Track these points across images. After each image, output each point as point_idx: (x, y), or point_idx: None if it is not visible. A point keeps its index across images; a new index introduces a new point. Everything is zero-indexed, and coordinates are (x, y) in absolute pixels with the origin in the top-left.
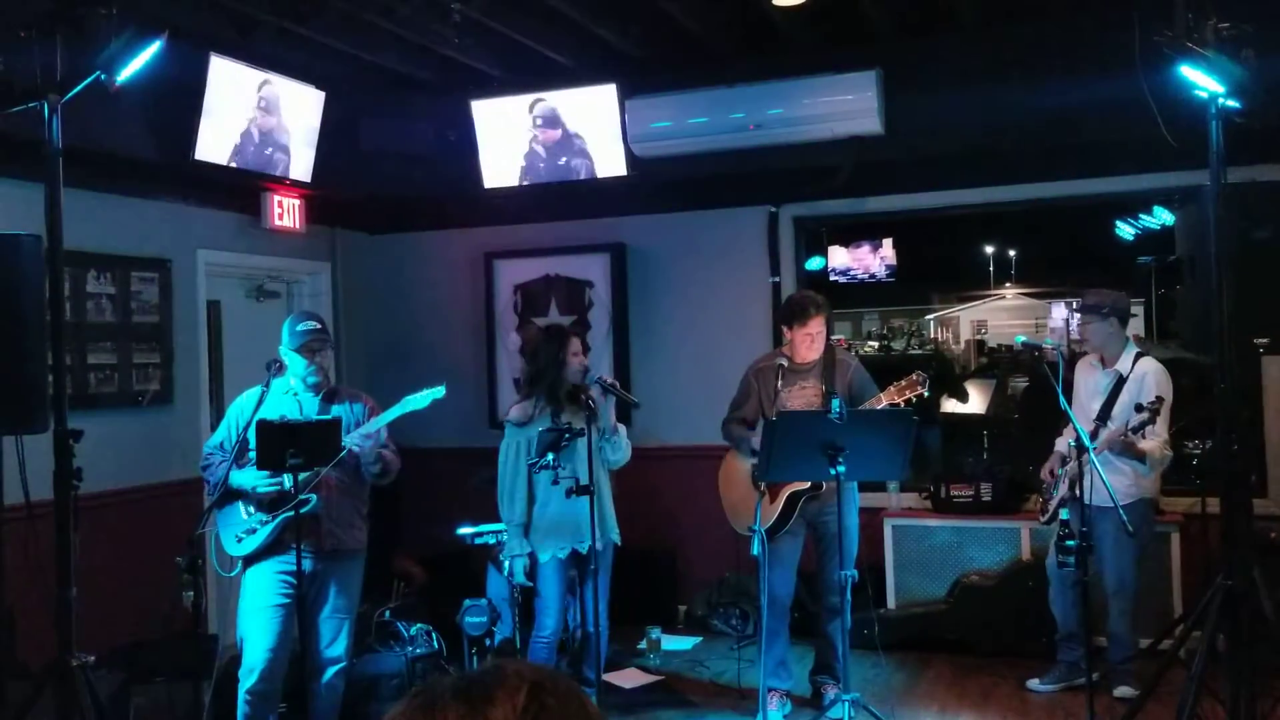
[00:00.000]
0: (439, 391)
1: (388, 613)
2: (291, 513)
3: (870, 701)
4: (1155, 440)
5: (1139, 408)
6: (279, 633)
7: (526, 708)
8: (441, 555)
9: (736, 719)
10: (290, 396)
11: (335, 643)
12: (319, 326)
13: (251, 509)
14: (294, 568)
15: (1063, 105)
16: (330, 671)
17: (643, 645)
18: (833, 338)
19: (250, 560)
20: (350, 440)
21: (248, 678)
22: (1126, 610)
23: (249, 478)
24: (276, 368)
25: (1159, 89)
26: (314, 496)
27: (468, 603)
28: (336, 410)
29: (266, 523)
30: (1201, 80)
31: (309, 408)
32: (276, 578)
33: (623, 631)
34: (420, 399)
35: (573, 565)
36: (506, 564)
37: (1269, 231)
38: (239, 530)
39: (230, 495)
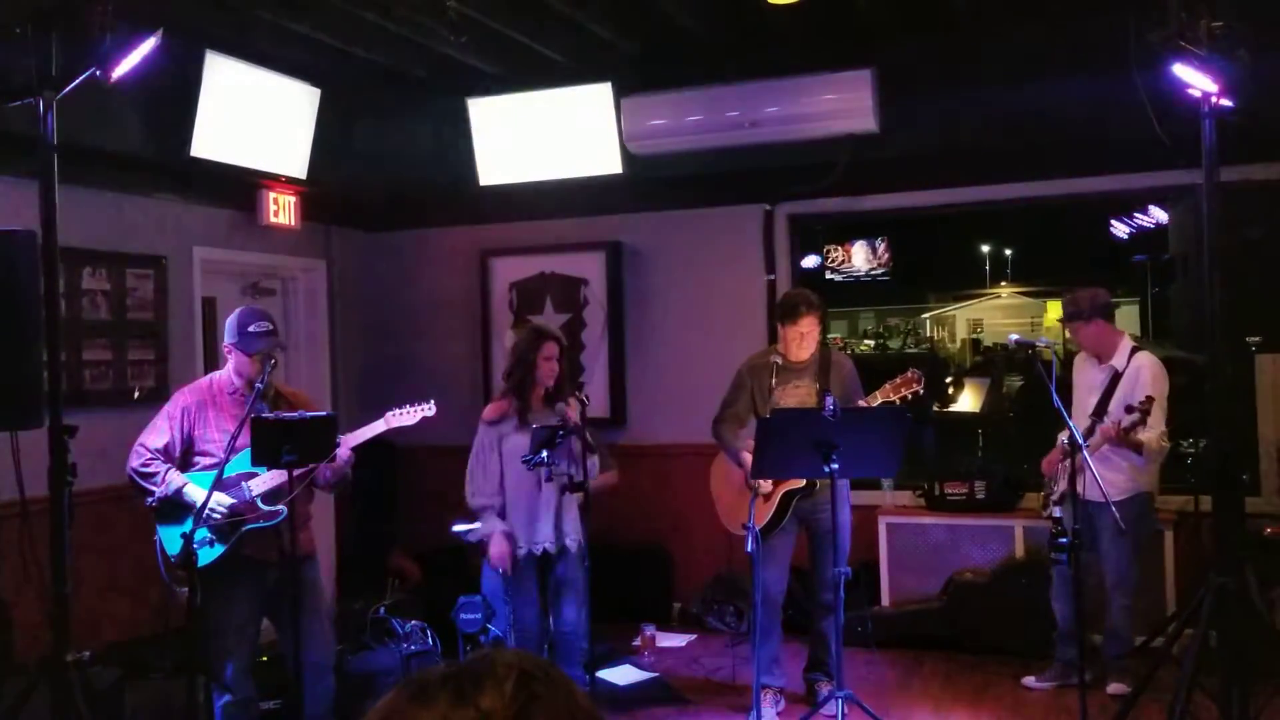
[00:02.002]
0: (428, 409)
1: (383, 610)
2: (259, 524)
3: (864, 699)
4: (1152, 431)
5: (1129, 409)
6: (248, 649)
7: (515, 696)
8: (436, 552)
9: (730, 716)
10: (238, 397)
11: (314, 642)
12: (272, 328)
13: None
14: (257, 580)
15: (1058, 104)
16: (318, 673)
17: (637, 642)
18: (828, 337)
19: (208, 573)
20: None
21: (222, 694)
22: (1127, 605)
23: (200, 496)
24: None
25: (1153, 88)
26: (283, 510)
27: (462, 599)
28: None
29: (224, 537)
30: (1195, 79)
31: (258, 411)
32: (237, 593)
33: (617, 628)
34: (408, 416)
35: (537, 563)
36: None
37: (1262, 230)
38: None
39: (177, 506)
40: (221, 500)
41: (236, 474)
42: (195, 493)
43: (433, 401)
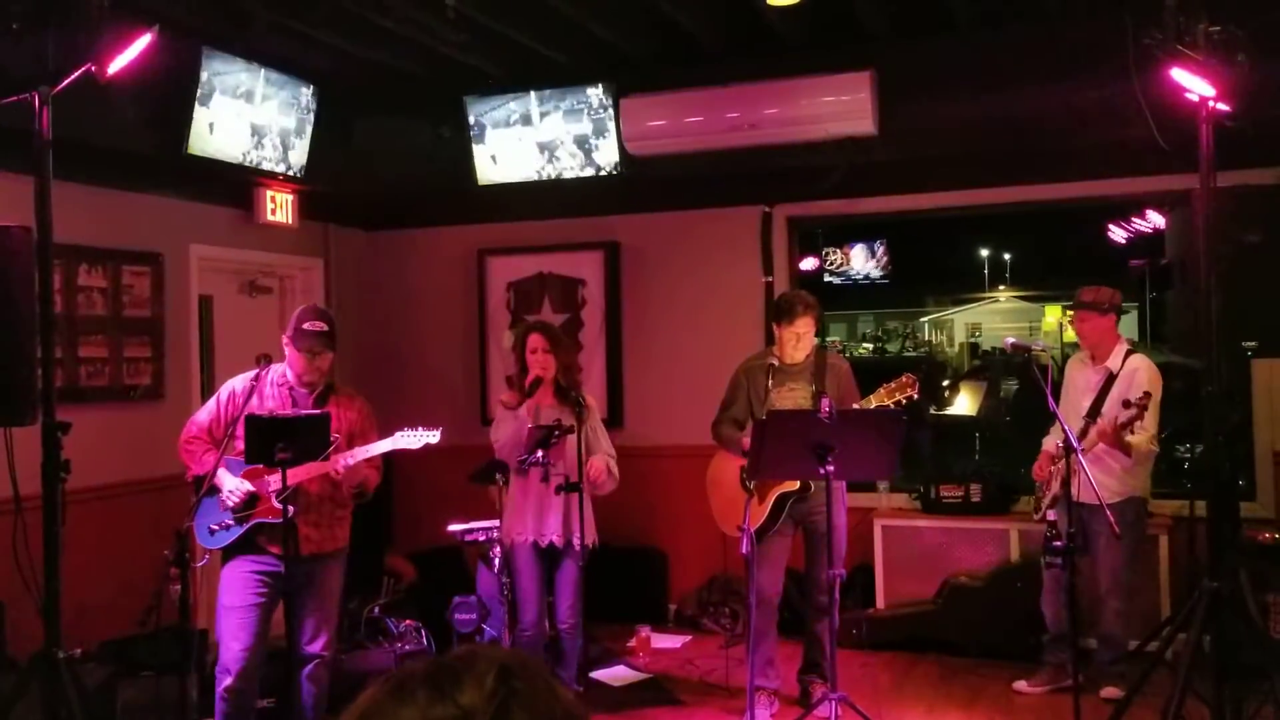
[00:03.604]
0: (433, 436)
1: (377, 609)
2: (267, 519)
3: (858, 701)
4: (1142, 434)
5: (1126, 404)
6: (254, 633)
7: (495, 691)
8: (432, 552)
9: (725, 718)
10: (284, 390)
11: (316, 639)
12: (326, 330)
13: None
14: (270, 568)
15: (1055, 107)
16: (312, 666)
17: (632, 643)
18: (826, 340)
19: (225, 555)
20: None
21: (224, 677)
22: (1120, 610)
23: (228, 481)
24: (265, 361)
25: (1151, 92)
26: (291, 509)
27: (457, 599)
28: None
29: (241, 522)
30: (1192, 83)
31: (301, 404)
32: (252, 577)
33: (612, 629)
34: (414, 439)
35: (542, 559)
36: None
37: (1258, 235)
38: (212, 522)
39: (212, 488)
40: (242, 485)
41: (264, 465)
42: (222, 477)
43: (440, 430)
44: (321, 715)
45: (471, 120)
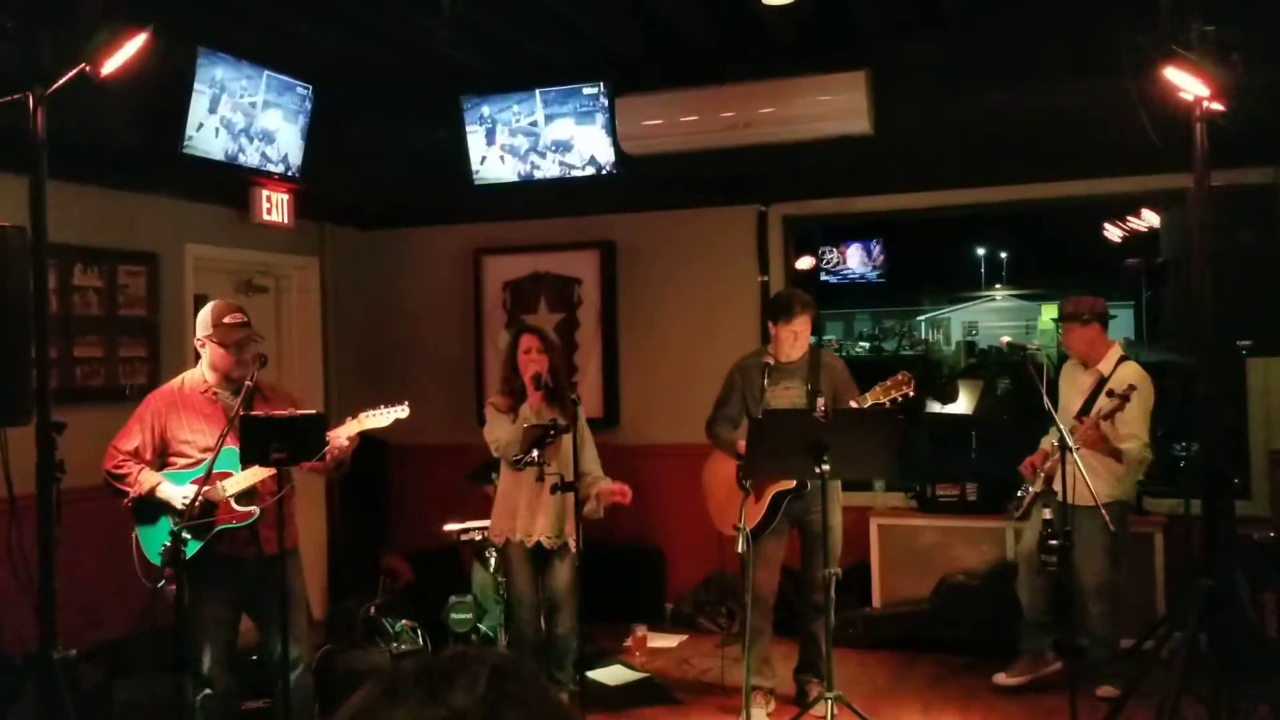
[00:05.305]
0: (402, 411)
1: (374, 609)
2: (230, 524)
3: (854, 700)
4: (1135, 441)
5: (1109, 394)
6: (226, 644)
7: (487, 694)
8: (428, 552)
9: (721, 717)
10: (209, 396)
11: (294, 641)
12: (246, 320)
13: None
14: (233, 578)
15: (1051, 106)
16: (298, 669)
17: (628, 642)
18: (823, 338)
19: (177, 574)
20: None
21: (199, 688)
22: (1107, 611)
23: (175, 493)
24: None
25: (1146, 91)
26: (257, 510)
27: (453, 599)
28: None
29: (198, 534)
30: (1186, 83)
31: (230, 408)
32: (215, 590)
33: (608, 628)
34: (381, 417)
35: (533, 558)
36: None
37: (1253, 234)
38: (166, 538)
39: (151, 505)
40: (195, 491)
41: (214, 473)
42: (168, 490)
43: (406, 404)
44: (312, 716)
45: (467, 120)
